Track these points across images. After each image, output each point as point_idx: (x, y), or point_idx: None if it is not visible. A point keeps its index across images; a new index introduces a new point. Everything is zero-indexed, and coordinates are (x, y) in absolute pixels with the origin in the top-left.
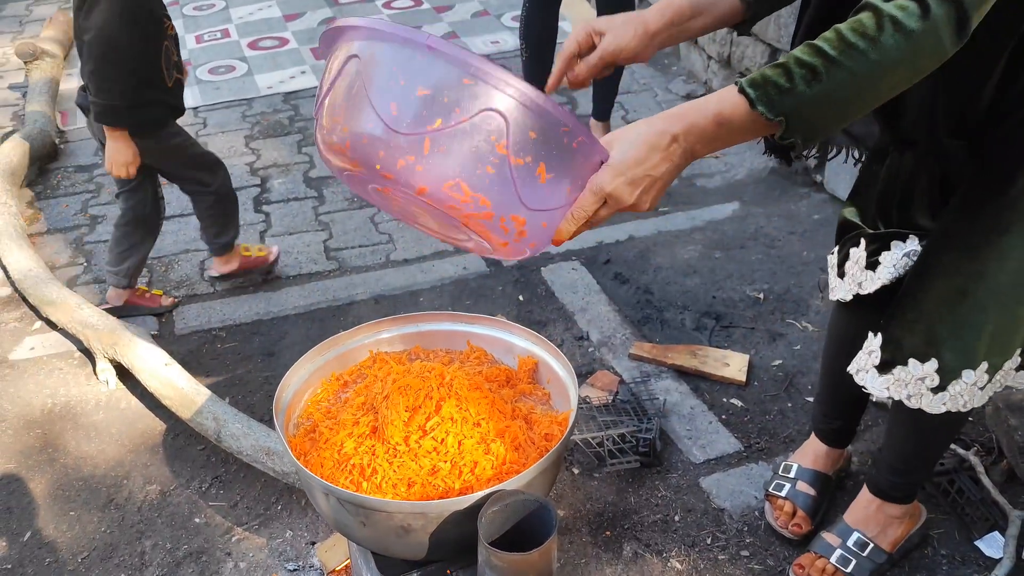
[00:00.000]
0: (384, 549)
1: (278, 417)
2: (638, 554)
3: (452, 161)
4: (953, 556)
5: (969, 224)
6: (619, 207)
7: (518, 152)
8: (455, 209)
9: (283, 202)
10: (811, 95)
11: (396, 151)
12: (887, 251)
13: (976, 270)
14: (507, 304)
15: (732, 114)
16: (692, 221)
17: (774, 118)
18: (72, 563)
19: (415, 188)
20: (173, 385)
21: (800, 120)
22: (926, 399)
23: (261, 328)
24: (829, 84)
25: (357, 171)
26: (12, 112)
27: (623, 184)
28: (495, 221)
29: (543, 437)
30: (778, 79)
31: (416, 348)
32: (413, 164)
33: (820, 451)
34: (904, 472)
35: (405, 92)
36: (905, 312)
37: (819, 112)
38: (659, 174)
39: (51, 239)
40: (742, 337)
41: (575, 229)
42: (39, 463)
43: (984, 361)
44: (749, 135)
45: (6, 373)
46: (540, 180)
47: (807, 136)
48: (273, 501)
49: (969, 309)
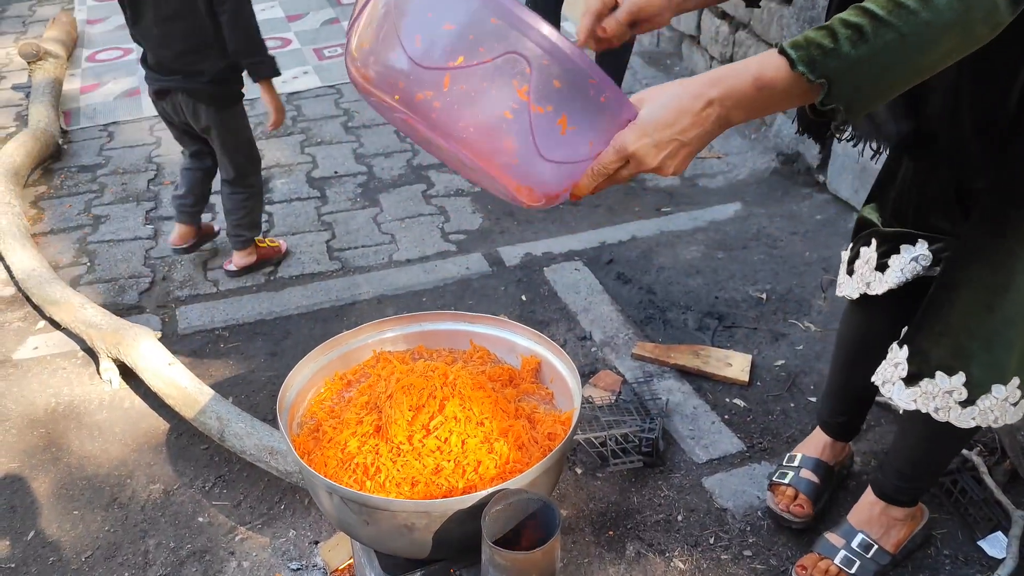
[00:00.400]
0: (388, 548)
1: (282, 416)
2: (641, 554)
3: (470, 101)
4: (956, 556)
5: (993, 236)
6: (641, 169)
7: (539, 100)
8: (468, 148)
9: (286, 202)
10: (856, 56)
11: (416, 84)
12: (896, 254)
13: (1001, 284)
14: (510, 304)
15: (773, 77)
16: (694, 221)
17: (816, 80)
18: (76, 562)
19: (431, 123)
20: (176, 384)
21: (844, 84)
22: (954, 413)
23: (264, 328)
24: (876, 45)
25: (380, 100)
26: (15, 112)
27: (648, 145)
28: (510, 168)
29: (546, 436)
30: (822, 40)
31: (419, 348)
32: (431, 99)
33: (824, 443)
34: (912, 478)
35: (432, 25)
36: (932, 324)
37: (864, 76)
38: (688, 139)
39: (54, 239)
40: (745, 337)
41: (595, 185)
42: (43, 462)
43: (1016, 376)
44: (788, 102)
45: (10, 372)
46: (560, 132)
47: (850, 103)
48: (276, 500)
49: (997, 323)
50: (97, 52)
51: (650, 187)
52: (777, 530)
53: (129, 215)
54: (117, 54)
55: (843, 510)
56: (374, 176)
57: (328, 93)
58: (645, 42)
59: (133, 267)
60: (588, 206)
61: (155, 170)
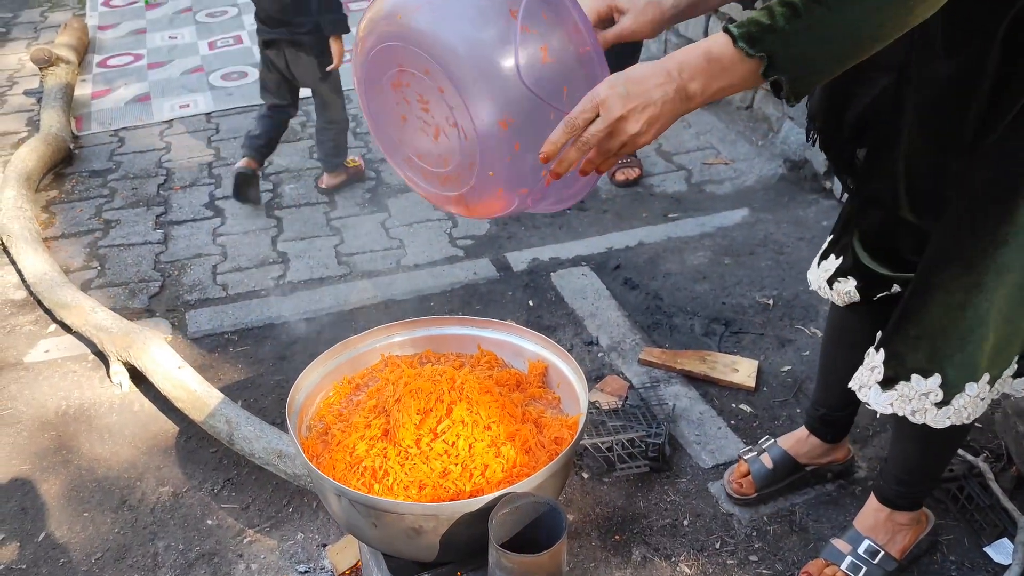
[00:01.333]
0: (395, 551)
1: (291, 419)
2: (647, 558)
3: (464, 12)
4: (962, 562)
5: (965, 238)
6: (612, 119)
7: (526, 21)
8: (452, 67)
9: (295, 207)
10: (791, 30)
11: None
12: (844, 278)
13: (975, 283)
14: (517, 309)
15: (720, 52)
16: (701, 227)
17: (755, 54)
18: (85, 564)
19: (418, 34)
20: (186, 388)
21: (783, 57)
22: (930, 414)
23: (273, 332)
24: (809, 19)
25: (376, 29)
26: (27, 117)
27: (617, 95)
28: (487, 95)
29: (553, 441)
30: (761, 18)
31: (427, 352)
32: (428, 11)
33: (800, 436)
34: (910, 483)
35: None
36: (907, 328)
37: (801, 48)
38: (653, 99)
39: (65, 243)
40: (751, 343)
41: (564, 142)
42: (53, 464)
43: (986, 373)
44: (737, 75)
45: (21, 375)
46: (541, 60)
47: (793, 76)
48: (284, 503)
49: (970, 323)
50: (108, 58)
51: (657, 193)
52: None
53: (139, 220)
54: (128, 60)
55: (848, 514)
56: (382, 181)
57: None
58: (653, 48)
59: (143, 271)
60: (595, 211)
61: (165, 175)
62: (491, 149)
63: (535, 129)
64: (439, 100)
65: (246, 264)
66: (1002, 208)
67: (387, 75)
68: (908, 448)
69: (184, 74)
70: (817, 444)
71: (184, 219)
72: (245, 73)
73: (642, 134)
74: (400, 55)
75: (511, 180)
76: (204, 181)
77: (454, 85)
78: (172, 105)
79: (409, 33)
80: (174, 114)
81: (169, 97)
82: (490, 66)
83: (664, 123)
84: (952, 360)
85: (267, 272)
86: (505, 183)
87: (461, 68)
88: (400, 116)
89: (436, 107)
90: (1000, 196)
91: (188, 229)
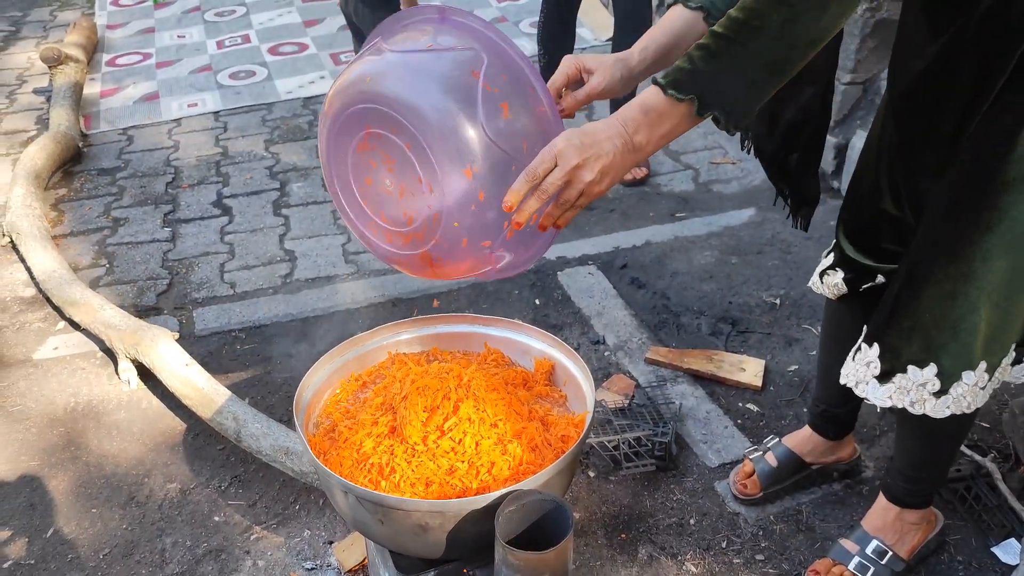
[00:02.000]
0: (402, 548)
1: (298, 416)
2: (653, 557)
3: (430, 73)
4: (970, 563)
5: (950, 228)
6: (568, 167)
7: (488, 80)
8: (418, 121)
9: (302, 206)
10: (711, 70)
11: (383, 65)
12: (833, 271)
13: (962, 272)
14: (523, 308)
15: (654, 103)
16: (709, 226)
17: (684, 98)
18: (94, 559)
19: (386, 93)
20: (193, 385)
21: (710, 94)
22: (929, 404)
23: (280, 330)
24: (723, 57)
25: (344, 93)
26: (36, 116)
27: (573, 146)
28: (453, 145)
29: (559, 439)
30: (682, 64)
31: (434, 349)
32: (395, 73)
33: (803, 435)
34: (916, 479)
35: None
36: (900, 321)
37: (723, 84)
38: (605, 150)
39: (74, 241)
40: (758, 342)
41: (526, 192)
42: (62, 461)
43: (983, 361)
44: (675, 120)
45: (30, 372)
46: (502, 115)
47: (724, 108)
48: (291, 501)
49: (961, 311)
50: (117, 57)
51: (665, 192)
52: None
53: (147, 218)
54: (137, 59)
55: (856, 514)
56: None
57: None
58: None
59: (151, 269)
60: (602, 210)
61: (173, 173)
62: (456, 198)
63: (497, 179)
64: (405, 157)
65: (254, 262)
66: (983, 195)
67: (354, 139)
68: (912, 443)
69: (192, 73)
70: (820, 442)
71: (192, 217)
72: (253, 72)
73: (596, 182)
74: (368, 116)
75: (475, 231)
76: (212, 179)
77: (421, 137)
78: (180, 104)
79: (378, 94)
80: (182, 113)
81: (177, 96)
82: (455, 119)
83: (616, 173)
84: (946, 349)
85: (274, 270)
86: (469, 233)
87: (427, 121)
88: (365, 179)
89: (402, 165)
90: (980, 184)
91: (196, 227)
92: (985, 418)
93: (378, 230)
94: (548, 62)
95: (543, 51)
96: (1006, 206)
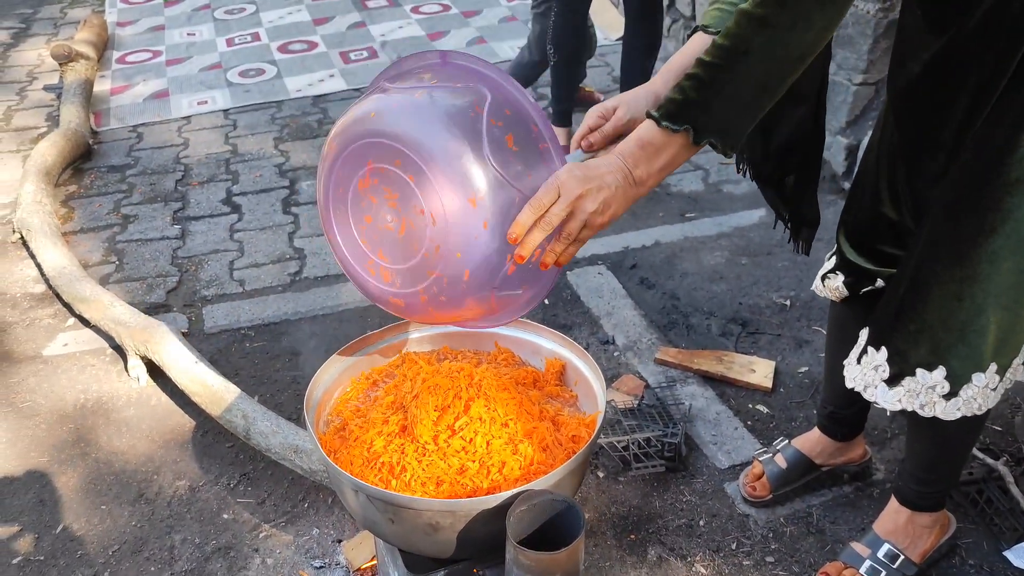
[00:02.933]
0: (412, 547)
1: (308, 414)
2: (663, 558)
3: (435, 107)
4: (981, 566)
5: (955, 229)
6: (571, 198)
7: (492, 115)
8: (423, 151)
9: (312, 204)
10: (702, 99)
11: (388, 102)
12: (834, 274)
13: (968, 274)
14: None
15: (650, 136)
16: (719, 227)
17: (679, 128)
18: (103, 556)
19: (391, 127)
20: (203, 382)
21: (704, 122)
22: (939, 407)
23: (289, 328)
24: (713, 85)
25: (346, 131)
26: (47, 113)
27: (575, 178)
28: (458, 174)
29: (570, 439)
30: (673, 95)
31: (445, 348)
32: (400, 108)
33: (813, 437)
34: (928, 481)
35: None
36: (906, 324)
37: (716, 111)
38: (607, 182)
39: (84, 238)
40: (768, 343)
41: (531, 223)
42: (71, 457)
43: (993, 362)
44: (672, 151)
45: (40, 369)
46: (508, 145)
47: (720, 134)
48: (300, 499)
49: (968, 313)
50: (127, 54)
51: (674, 192)
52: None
53: (157, 215)
54: (147, 56)
55: (867, 518)
56: None
57: (353, 96)
58: (670, 48)
59: (160, 266)
60: None
61: (183, 171)
62: (460, 226)
63: (501, 210)
64: (408, 190)
65: (263, 260)
66: (986, 197)
67: (355, 177)
68: (923, 445)
69: (202, 71)
70: (829, 443)
71: (201, 215)
72: (263, 70)
73: (599, 213)
74: (370, 152)
75: (477, 264)
76: (221, 177)
77: (425, 166)
78: (190, 101)
79: (382, 128)
80: (192, 110)
81: (187, 93)
82: (460, 147)
83: (618, 207)
84: (955, 351)
85: (284, 268)
86: (472, 265)
87: (432, 150)
88: (365, 218)
89: (405, 198)
90: (983, 185)
91: (205, 225)
92: (997, 421)
93: (376, 269)
94: (560, 61)
95: (554, 51)
96: (1010, 207)
